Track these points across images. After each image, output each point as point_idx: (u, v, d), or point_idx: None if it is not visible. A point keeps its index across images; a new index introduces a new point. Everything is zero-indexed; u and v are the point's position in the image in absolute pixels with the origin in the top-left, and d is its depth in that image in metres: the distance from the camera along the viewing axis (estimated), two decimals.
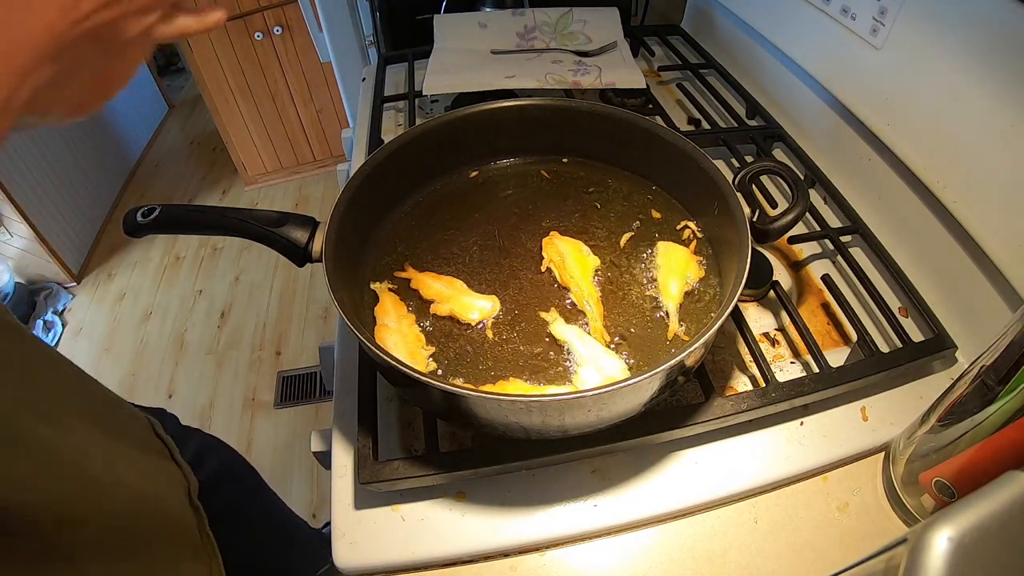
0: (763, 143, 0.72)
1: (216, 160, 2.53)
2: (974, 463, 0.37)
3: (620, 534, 0.45)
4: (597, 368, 0.44)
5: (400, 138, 0.54)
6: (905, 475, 0.43)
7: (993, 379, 0.35)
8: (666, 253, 0.52)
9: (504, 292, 0.50)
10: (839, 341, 0.55)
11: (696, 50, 0.91)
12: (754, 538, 0.44)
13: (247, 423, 1.59)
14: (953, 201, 0.52)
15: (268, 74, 2.07)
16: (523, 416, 0.38)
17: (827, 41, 0.66)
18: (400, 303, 0.50)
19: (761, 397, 0.46)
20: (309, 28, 1.24)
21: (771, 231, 0.45)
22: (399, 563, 0.43)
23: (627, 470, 0.46)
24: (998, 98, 0.47)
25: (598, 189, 0.59)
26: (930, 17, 0.53)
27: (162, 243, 2.15)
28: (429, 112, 0.84)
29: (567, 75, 0.77)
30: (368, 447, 0.44)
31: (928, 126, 0.54)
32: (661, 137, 0.54)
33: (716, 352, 0.53)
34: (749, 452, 0.47)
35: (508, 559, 0.44)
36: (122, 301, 1.97)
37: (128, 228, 0.45)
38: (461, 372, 0.45)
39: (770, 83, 0.80)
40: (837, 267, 0.61)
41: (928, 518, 0.27)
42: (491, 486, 0.46)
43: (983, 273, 0.51)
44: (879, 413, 0.49)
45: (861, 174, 0.65)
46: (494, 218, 0.57)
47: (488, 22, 0.86)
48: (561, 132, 0.59)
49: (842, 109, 0.66)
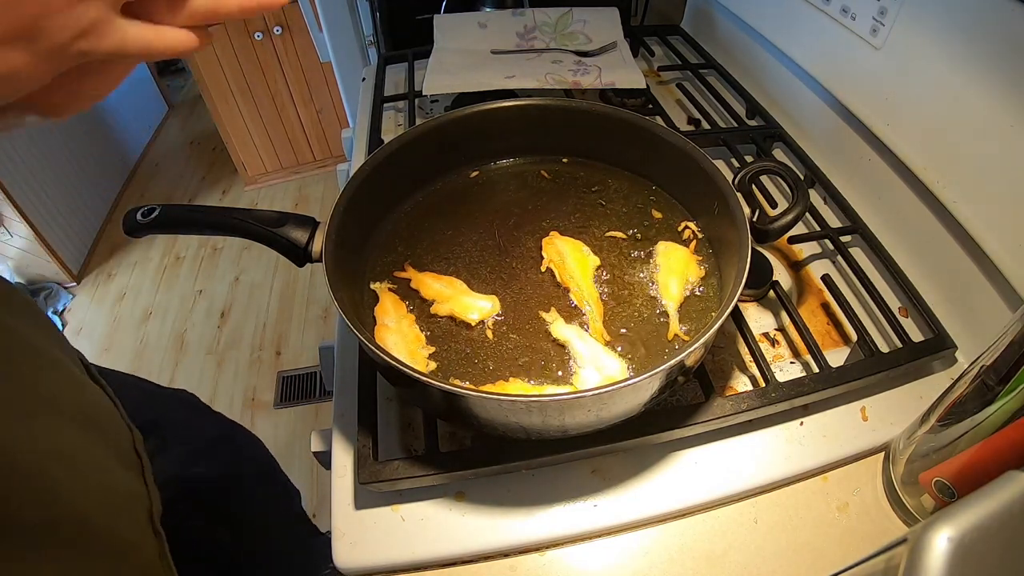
0: (763, 143, 0.72)
1: (216, 160, 2.53)
2: (974, 463, 0.37)
3: (620, 534, 0.45)
4: (597, 368, 0.44)
5: (400, 138, 0.54)
6: (905, 475, 0.43)
7: (993, 379, 0.35)
8: (666, 253, 0.52)
9: (504, 292, 0.50)
10: (839, 341, 0.55)
11: (696, 50, 0.91)
12: (754, 538, 0.44)
13: (247, 423, 1.58)
14: (953, 201, 0.52)
15: (268, 74, 2.07)
16: (523, 416, 0.38)
17: (827, 41, 0.66)
18: (400, 303, 0.50)
19: (761, 397, 0.46)
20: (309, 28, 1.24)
21: (771, 231, 0.45)
22: (399, 563, 0.43)
23: (627, 470, 0.46)
24: (998, 98, 0.47)
25: (598, 189, 0.59)
26: (930, 17, 0.53)
27: (162, 243, 2.15)
28: (429, 112, 0.84)
29: (567, 75, 0.77)
30: (368, 447, 0.44)
31: (928, 126, 0.54)
32: (661, 137, 0.54)
33: (716, 352, 0.53)
34: (749, 452, 0.47)
35: (508, 559, 0.44)
36: (122, 301, 1.97)
37: (128, 228, 0.45)
38: (461, 372, 0.45)
39: (770, 83, 0.80)
40: (837, 267, 0.61)
41: (928, 518, 0.27)
42: (491, 486, 0.46)
43: (983, 273, 0.51)
44: (879, 413, 0.49)
45: (861, 174, 0.65)
46: (494, 218, 0.57)
47: (488, 22, 0.86)
48: (561, 132, 0.59)
49: (842, 109, 0.66)
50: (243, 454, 0.78)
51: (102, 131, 2.31)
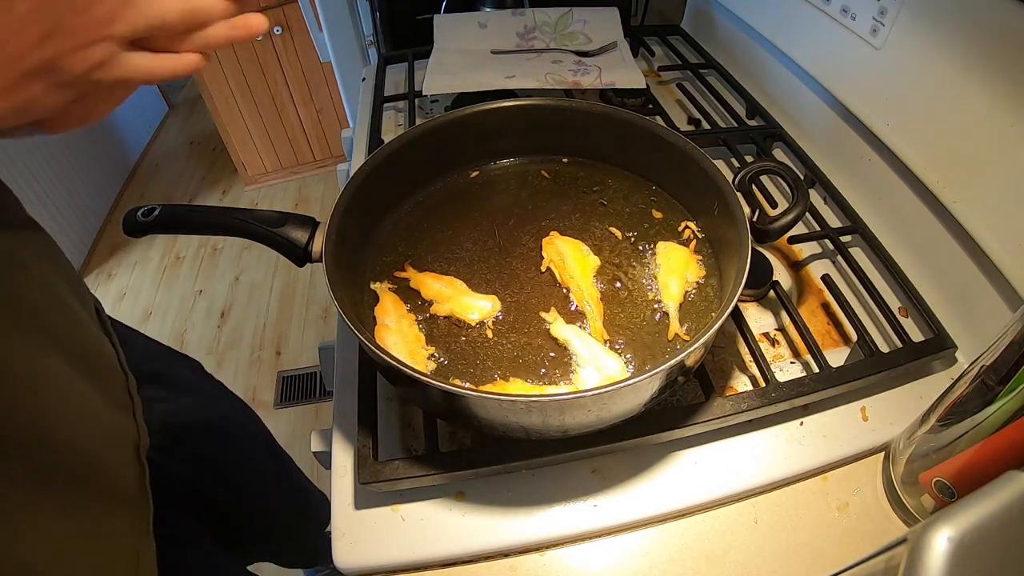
0: (763, 143, 0.72)
1: (216, 160, 2.53)
2: (974, 463, 0.37)
3: (620, 534, 0.45)
4: (597, 368, 0.44)
5: (400, 138, 0.54)
6: (905, 475, 0.43)
7: (993, 379, 0.35)
8: (666, 253, 0.52)
9: (504, 292, 0.50)
10: (839, 341, 0.55)
11: (696, 50, 0.91)
12: (754, 538, 0.44)
13: None
14: (953, 201, 0.52)
15: (268, 74, 2.07)
16: (523, 416, 0.38)
17: (827, 41, 0.66)
18: (400, 303, 0.50)
19: (761, 397, 0.46)
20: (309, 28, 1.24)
21: (771, 231, 0.45)
22: (399, 563, 0.43)
23: (627, 470, 0.46)
24: (998, 98, 0.47)
25: (598, 189, 0.59)
26: (930, 17, 0.53)
27: (162, 243, 2.15)
28: (429, 112, 0.84)
29: (567, 75, 0.77)
30: (368, 447, 0.44)
31: (928, 126, 0.54)
32: (661, 137, 0.54)
33: (716, 352, 0.53)
34: (749, 452, 0.47)
35: (508, 559, 0.44)
36: (122, 301, 1.97)
37: (128, 228, 0.45)
38: (461, 372, 0.45)
39: (770, 83, 0.80)
40: (837, 267, 0.61)
41: (928, 518, 0.27)
42: (491, 486, 0.46)
43: (983, 273, 0.51)
44: (879, 413, 0.49)
45: (861, 174, 0.65)
46: (494, 218, 0.57)
47: (488, 22, 0.86)
48: (561, 132, 0.59)
49: (842, 109, 0.66)
50: (244, 420, 0.81)
51: (102, 131, 2.31)
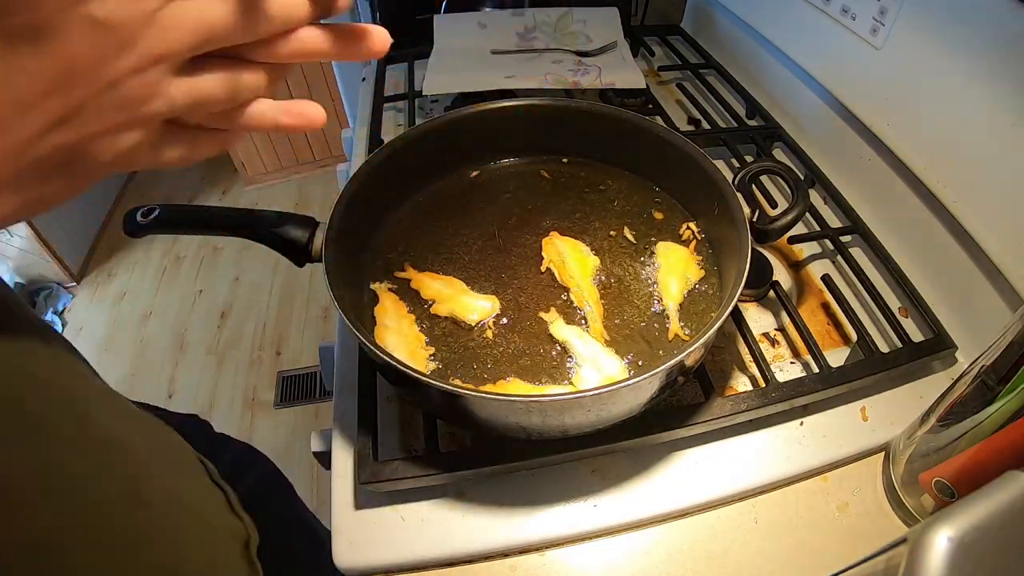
0: (763, 143, 0.72)
1: (216, 160, 2.52)
2: (974, 463, 0.37)
3: (620, 534, 0.45)
4: (597, 368, 0.44)
5: (400, 138, 0.54)
6: (905, 475, 0.43)
7: (993, 379, 0.35)
8: (666, 253, 0.52)
9: (504, 292, 0.50)
10: (839, 341, 0.55)
11: (696, 50, 0.91)
12: (754, 538, 0.44)
13: (247, 423, 1.59)
14: (953, 201, 0.52)
15: None
16: (523, 416, 0.38)
17: (827, 41, 0.66)
18: (400, 303, 0.49)
19: (761, 397, 0.46)
20: None
21: (771, 231, 0.45)
22: (399, 563, 0.43)
23: (627, 470, 0.46)
24: (998, 98, 0.47)
25: (598, 189, 0.59)
26: (930, 17, 0.53)
27: (162, 243, 2.15)
28: (429, 112, 0.84)
29: (567, 75, 0.77)
30: (368, 447, 0.44)
31: (928, 126, 0.54)
32: (661, 137, 0.54)
33: (716, 352, 0.53)
34: (749, 452, 0.47)
35: (508, 559, 0.44)
36: (122, 301, 1.97)
37: (128, 228, 0.45)
38: (461, 372, 0.45)
39: (770, 83, 0.80)
40: (837, 267, 0.61)
41: (928, 518, 0.27)
42: (491, 486, 0.46)
43: (983, 273, 0.51)
44: (879, 413, 0.49)
45: (861, 174, 0.65)
46: (494, 218, 0.57)
47: (488, 22, 0.86)
48: (561, 132, 0.59)
49: (842, 109, 0.66)
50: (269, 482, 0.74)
51: None
